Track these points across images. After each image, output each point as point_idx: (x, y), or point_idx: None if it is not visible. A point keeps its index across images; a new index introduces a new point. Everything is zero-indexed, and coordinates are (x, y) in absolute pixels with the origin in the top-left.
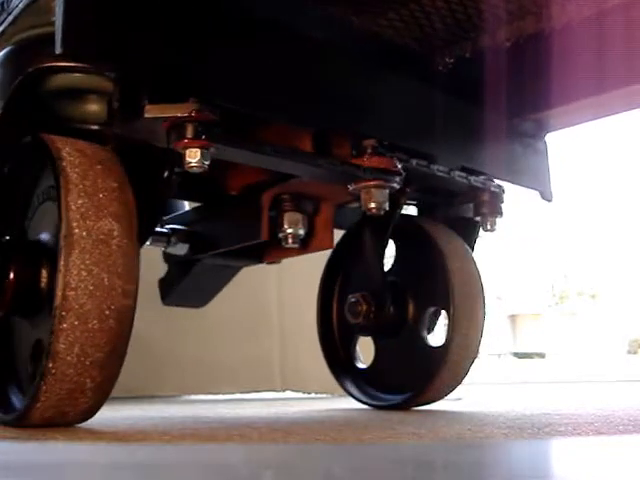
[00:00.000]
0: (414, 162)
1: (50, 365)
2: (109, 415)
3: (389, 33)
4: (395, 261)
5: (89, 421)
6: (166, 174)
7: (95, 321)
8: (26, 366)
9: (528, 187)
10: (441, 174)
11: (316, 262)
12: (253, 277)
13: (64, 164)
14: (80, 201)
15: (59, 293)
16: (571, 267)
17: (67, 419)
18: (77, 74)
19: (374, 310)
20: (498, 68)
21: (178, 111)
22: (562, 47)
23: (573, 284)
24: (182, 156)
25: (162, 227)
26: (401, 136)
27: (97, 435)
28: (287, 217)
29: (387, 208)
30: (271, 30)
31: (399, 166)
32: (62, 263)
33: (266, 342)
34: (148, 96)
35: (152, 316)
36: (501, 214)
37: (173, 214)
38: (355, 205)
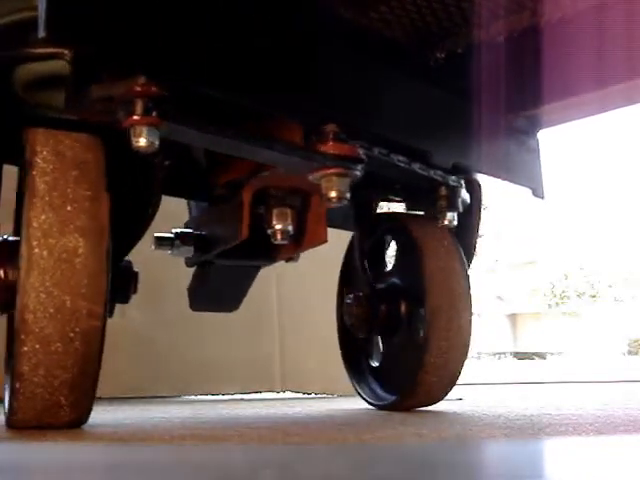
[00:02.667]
0: (375, 151)
1: (17, 385)
2: (109, 415)
3: (379, 26)
4: (395, 261)
5: (89, 421)
6: (159, 172)
7: (58, 344)
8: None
9: (520, 184)
10: (401, 164)
11: (316, 262)
12: None
13: (34, 173)
14: (43, 216)
15: (18, 316)
16: (571, 267)
17: (53, 427)
18: (54, 61)
19: (366, 310)
20: (491, 63)
21: (125, 87)
22: (557, 42)
23: (573, 284)
24: (131, 135)
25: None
26: (389, 130)
27: (97, 435)
28: (275, 213)
29: (348, 198)
30: (234, 6)
31: (361, 153)
32: (21, 285)
33: (266, 342)
34: (97, 75)
35: (152, 316)
36: (458, 209)
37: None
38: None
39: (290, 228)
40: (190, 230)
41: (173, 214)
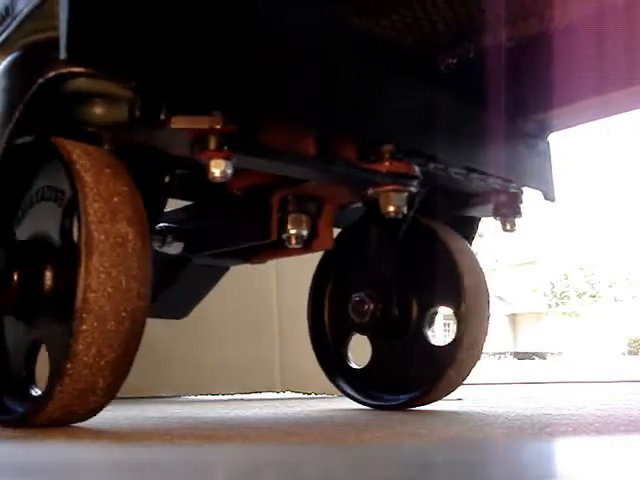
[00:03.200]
0: (432, 166)
1: (68, 366)
2: (109, 415)
3: (392, 35)
4: (399, 261)
5: (89, 421)
6: (167, 179)
7: (112, 322)
8: (20, 368)
9: (531, 187)
10: (458, 177)
11: (316, 262)
12: (253, 278)
13: (77, 167)
14: (96, 205)
15: (80, 295)
16: (571, 267)
17: (74, 418)
18: (86, 79)
19: (380, 309)
20: (501, 68)
21: (203, 123)
22: (564, 47)
23: (573, 284)
24: (207, 166)
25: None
26: (408, 138)
27: (97, 435)
28: (291, 218)
29: (405, 211)
30: (280, 37)
31: (417, 170)
32: (82, 266)
33: (266, 342)
34: (166, 106)
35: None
36: (520, 215)
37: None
38: (356, 205)
39: (305, 233)
40: (176, 226)
41: None
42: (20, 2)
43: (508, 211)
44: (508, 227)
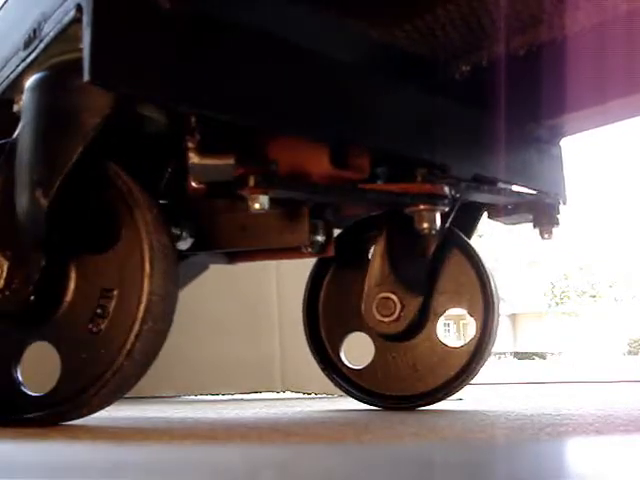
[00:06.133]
0: (463, 185)
1: (125, 364)
2: (109, 415)
3: (405, 44)
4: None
5: (89, 421)
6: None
7: (160, 323)
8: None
9: (544, 191)
10: (493, 192)
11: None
12: (253, 277)
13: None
14: (149, 216)
15: (144, 298)
16: (571, 267)
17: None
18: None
19: (401, 311)
20: (513, 75)
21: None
22: (575, 54)
23: (573, 284)
24: (247, 200)
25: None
26: (417, 147)
27: (97, 435)
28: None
29: (438, 228)
30: (299, 55)
31: (447, 191)
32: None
33: (266, 342)
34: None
35: None
36: (558, 224)
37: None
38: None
39: (321, 239)
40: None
41: None
42: (48, 25)
43: (548, 220)
44: (546, 236)
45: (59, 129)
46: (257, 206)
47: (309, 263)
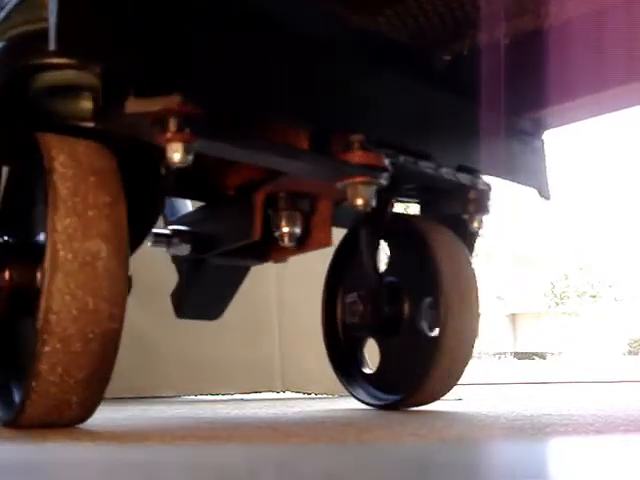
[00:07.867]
0: (402, 159)
1: (33, 384)
2: (109, 415)
3: (386, 30)
4: (390, 260)
5: (89, 421)
6: (163, 170)
7: (78, 344)
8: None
9: (526, 185)
10: (429, 171)
11: (316, 262)
12: (253, 277)
13: (55, 178)
14: (68, 220)
15: (41, 316)
16: (571, 267)
17: (57, 425)
18: (70, 71)
19: (371, 309)
20: (496, 65)
21: (160, 105)
22: (560, 44)
23: (573, 284)
24: (164, 151)
25: (165, 228)
26: (397, 134)
27: (96, 435)
28: (283, 216)
29: (374, 204)
30: (263, 26)
31: (386, 162)
32: (45, 287)
33: (266, 342)
34: (133, 92)
35: (152, 317)
36: (488, 212)
37: (177, 215)
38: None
39: (298, 231)
40: (185, 228)
41: None
42: None
43: (476, 208)
44: (475, 225)
45: None
46: (177, 158)
47: (309, 263)
